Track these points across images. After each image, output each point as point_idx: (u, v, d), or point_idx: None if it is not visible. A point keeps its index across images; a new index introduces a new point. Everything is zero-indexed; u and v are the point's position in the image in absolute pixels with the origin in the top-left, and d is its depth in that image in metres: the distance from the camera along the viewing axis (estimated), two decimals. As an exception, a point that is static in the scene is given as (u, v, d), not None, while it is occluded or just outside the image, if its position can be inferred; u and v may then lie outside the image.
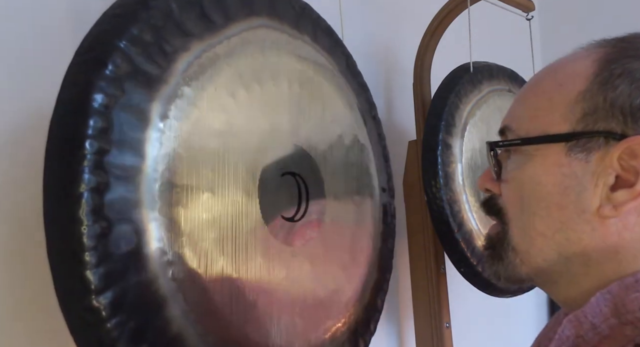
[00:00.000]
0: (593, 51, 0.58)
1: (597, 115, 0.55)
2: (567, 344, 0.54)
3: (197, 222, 0.68)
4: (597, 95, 0.55)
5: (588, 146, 0.55)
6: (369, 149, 1.00)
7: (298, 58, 0.89)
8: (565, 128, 0.56)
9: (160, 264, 0.62)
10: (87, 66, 0.62)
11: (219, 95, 0.74)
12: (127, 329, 0.58)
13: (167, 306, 0.62)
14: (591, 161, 0.55)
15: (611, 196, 0.54)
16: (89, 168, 0.58)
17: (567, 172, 0.56)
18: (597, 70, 0.56)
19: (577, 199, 0.55)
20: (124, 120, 0.62)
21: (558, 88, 0.58)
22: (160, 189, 0.64)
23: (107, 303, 0.57)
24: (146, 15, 0.68)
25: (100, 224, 0.57)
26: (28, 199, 0.78)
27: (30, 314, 0.80)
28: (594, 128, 0.55)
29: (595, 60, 0.57)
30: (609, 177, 0.54)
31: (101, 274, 0.56)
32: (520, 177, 0.59)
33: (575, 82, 0.57)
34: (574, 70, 0.58)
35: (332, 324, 0.86)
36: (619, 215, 0.54)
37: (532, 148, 0.58)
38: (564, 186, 0.56)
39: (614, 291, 0.53)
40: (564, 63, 0.61)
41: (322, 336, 0.83)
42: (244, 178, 0.75)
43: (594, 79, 0.56)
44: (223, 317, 0.69)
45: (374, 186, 0.99)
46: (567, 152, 0.56)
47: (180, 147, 0.67)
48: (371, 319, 0.95)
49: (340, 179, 0.92)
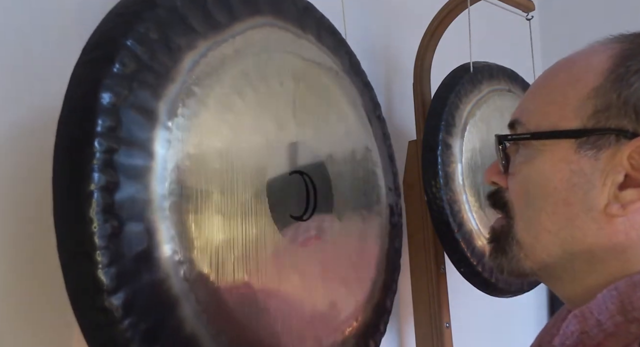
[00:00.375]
0: (609, 46, 0.57)
1: (609, 113, 0.54)
2: (571, 340, 0.53)
3: (208, 221, 0.67)
4: (610, 92, 0.54)
5: (598, 143, 0.54)
6: (374, 149, 1.00)
7: (303, 57, 0.89)
8: (576, 124, 0.55)
9: (172, 263, 0.62)
10: (94, 64, 0.62)
11: (226, 94, 0.74)
12: (140, 330, 0.57)
13: (179, 306, 0.62)
14: (600, 159, 0.54)
15: (619, 195, 0.53)
16: (98, 166, 0.57)
17: (575, 168, 0.55)
18: (612, 66, 0.55)
19: (584, 197, 0.55)
20: (132, 119, 0.62)
21: (571, 83, 0.57)
22: (169, 188, 0.63)
23: (120, 304, 0.56)
24: (152, 13, 0.67)
25: (111, 223, 0.57)
26: (38, 199, 0.77)
27: (40, 314, 0.79)
28: (606, 125, 0.54)
29: (611, 56, 0.56)
30: (618, 175, 0.53)
31: (113, 274, 0.56)
32: (528, 171, 0.59)
33: (589, 77, 0.56)
34: (589, 65, 0.57)
35: (342, 324, 0.85)
36: (626, 214, 0.53)
37: (541, 143, 0.57)
38: (571, 182, 0.55)
39: (621, 288, 0.53)
40: (579, 57, 0.59)
41: (333, 337, 0.83)
42: (252, 177, 0.74)
43: (609, 75, 0.55)
44: (235, 318, 0.68)
45: (381, 185, 0.99)
46: (576, 148, 0.55)
47: (189, 146, 0.67)
48: (381, 320, 0.94)
49: (347, 178, 0.92)
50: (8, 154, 0.79)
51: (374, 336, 0.91)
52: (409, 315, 1.39)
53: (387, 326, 0.96)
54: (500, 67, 1.43)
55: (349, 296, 0.87)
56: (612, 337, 0.51)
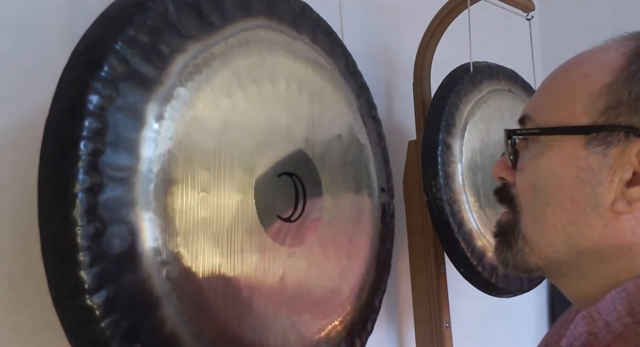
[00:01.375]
0: (623, 43, 0.57)
1: (620, 109, 0.53)
2: (579, 341, 0.53)
3: (192, 222, 0.68)
4: (622, 89, 0.54)
5: (607, 140, 0.53)
6: (368, 149, 1.00)
7: (296, 58, 0.90)
8: (585, 120, 0.55)
9: (155, 263, 0.63)
10: (82, 68, 0.63)
11: (215, 96, 0.74)
12: (121, 328, 0.58)
13: (161, 306, 0.63)
14: (609, 155, 0.53)
15: (626, 192, 0.53)
16: (83, 169, 0.58)
17: (583, 165, 0.55)
18: (624, 63, 0.55)
19: (591, 193, 0.54)
20: (119, 122, 0.63)
21: (583, 79, 0.56)
22: (155, 189, 0.64)
23: (101, 302, 0.57)
24: (142, 16, 0.68)
25: (94, 224, 0.58)
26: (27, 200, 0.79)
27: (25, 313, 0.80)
28: (616, 122, 0.53)
29: (623, 53, 0.55)
30: (626, 172, 0.53)
31: (95, 273, 0.57)
32: (536, 167, 0.58)
33: (601, 73, 0.55)
34: (601, 62, 0.56)
35: (327, 323, 0.86)
36: (632, 211, 0.53)
37: (550, 138, 0.57)
38: (579, 178, 0.55)
39: (630, 289, 0.52)
40: (591, 54, 0.59)
41: (318, 335, 0.84)
42: (239, 178, 0.75)
43: (621, 71, 0.54)
44: (217, 317, 0.69)
45: (373, 186, 0.99)
46: (585, 144, 0.54)
47: (175, 148, 0.68)
48: (368, 319, 0.95)
49: (338, 179, 0.92)
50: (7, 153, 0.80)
51: (361, 334, 0.92)
52: (409, 315, 1.39)
53: (374, 326, 0.96)
54: (500, 67, 1.43)
55: (335, 294, 0.87)
56: (620, 339, 0.51)
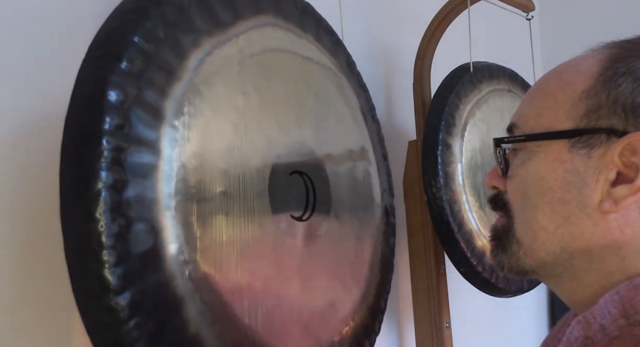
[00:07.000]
0: (599, 52, 0.60)
1: (599, 113, 0.56)
2: (575, 346, 0.54)
3: (212, 220, 0.67)
4: (600, 93, 0.56)
5: (590, 142, 0.56)
6: (369, 150, 1.00)
7: (303, 57, 0.89)
8: (568, 125, 0.57)
9: (177, 263, 0.61)
10: (101, 62, 0.61)
11: (230, 93, 0.73)
12: (147, 330, 0.56)
13: (184, 306, 0.61)
14: (593, 157, 0.56)
15: (612, 192, 0.55)
16: (106, 165, 0.57)
17: (569, 168, 0.57)
18: (601, 69, 0.57)
19: (578, 194, 0.56)
20: (139, 117, 0.61)
21: (563, 87, 0.59)
22: (176, 186, 0.63)
23: (126, 304, 0.55)
24: (159, 10, 0.67)
25: (118, 222, 0.56)
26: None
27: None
28: (597, 125, 0.56)
29: (600, 60, 0.58)
30: (610, 173, 0.55)
31: (119, 274, 0.55)
32: (525, 172, 0.60)
33: (579, 80, 0.58)
34: (579, 70, 0.59)
35: (340, 325, 0.85)
36: (618, 210, 0.55)
37: (536, 144, 0.59)
38: (566, 181, 0.57)
39: (622, 291, 0.54)
40: (570, 64, 0.62)
41: (331, 337, 0.83)
42: (255, 177, 0.74)
43: (598, 77, 0.57)
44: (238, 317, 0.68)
45: (376, 186, 0.99)
46: (569, 148, 0.57)
47: (194, 145, 0.66)
48: (375, 320, 0.94)
49: (344, 179, 0.92)
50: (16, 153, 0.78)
51: (370, 336, 0.92)
52: (409, 315, 1.39)
53: (381, 326, 0.96)
54: (500, 67, 1.44)
55: (346, 296, 0.87)
56: (616, 341, 0.52)
